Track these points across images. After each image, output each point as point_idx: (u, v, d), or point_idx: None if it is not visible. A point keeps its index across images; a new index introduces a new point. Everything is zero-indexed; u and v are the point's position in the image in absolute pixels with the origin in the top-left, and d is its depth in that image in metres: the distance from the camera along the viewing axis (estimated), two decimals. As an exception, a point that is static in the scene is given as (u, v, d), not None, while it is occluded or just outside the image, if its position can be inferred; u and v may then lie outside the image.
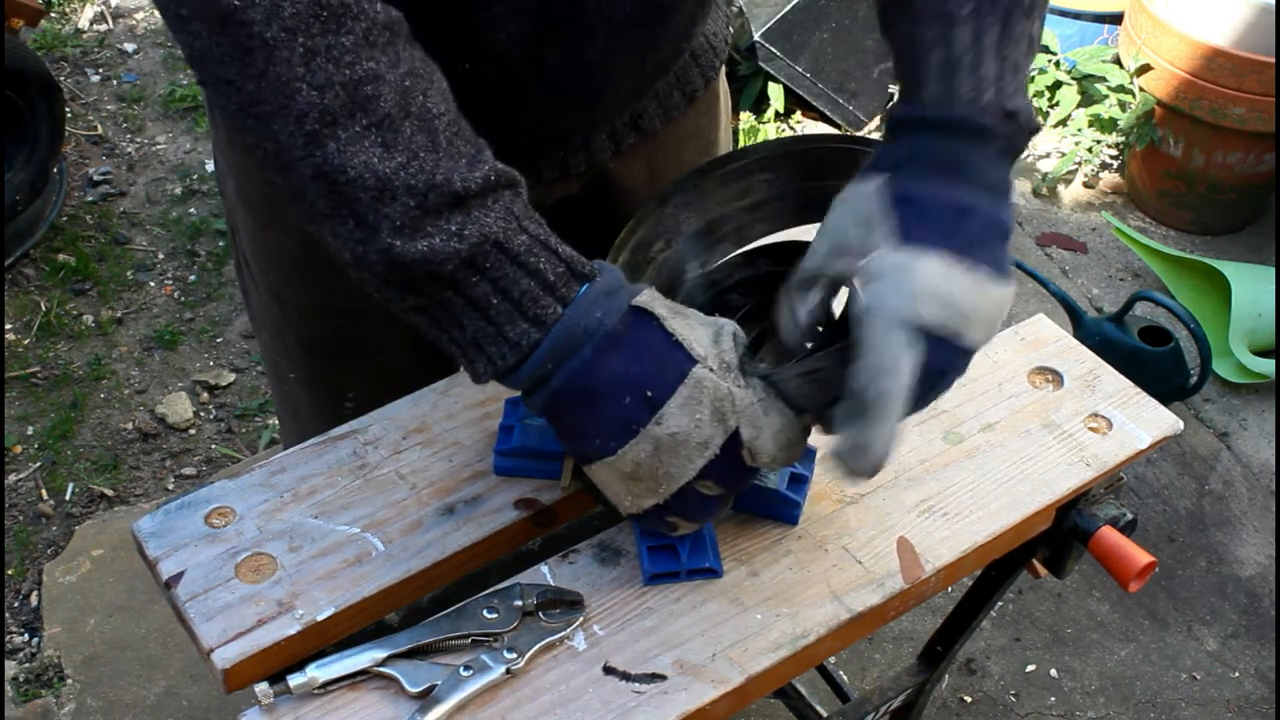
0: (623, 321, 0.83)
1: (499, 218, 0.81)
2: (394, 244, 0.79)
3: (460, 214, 0.80)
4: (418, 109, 0.80)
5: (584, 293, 0.83)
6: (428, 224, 0.79)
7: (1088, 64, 3.26)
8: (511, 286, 0.81)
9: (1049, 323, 1.24)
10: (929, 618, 2.22)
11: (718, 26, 1.26)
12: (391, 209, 0.79)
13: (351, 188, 0.78)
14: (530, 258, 0.81)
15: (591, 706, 0.90)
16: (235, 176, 1.25)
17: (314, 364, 1.34)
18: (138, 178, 3.17)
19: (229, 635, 0.92)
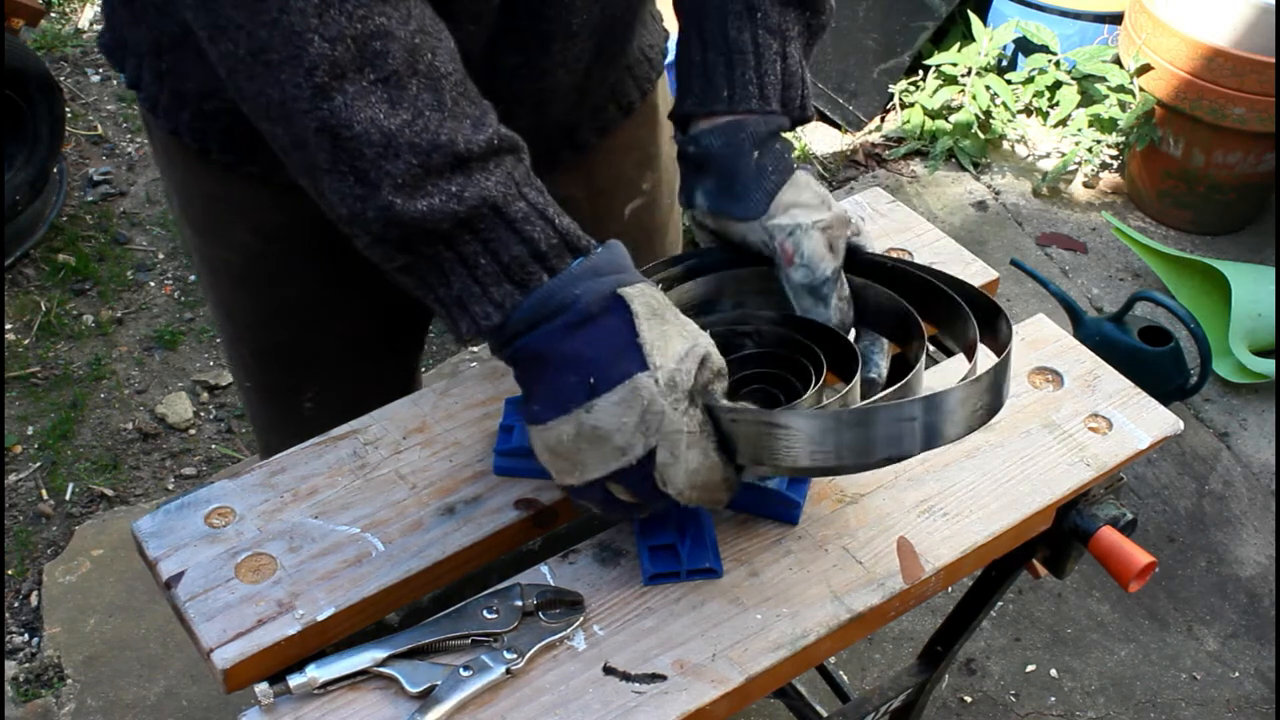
0: (599, 304, 0.83)
1: (499, 181, 0.82)
2: (394, 201, 0.79)
3: (461, 175, 0.80)
4: (425, 67, 0.80)
5: (573, 266, 0.84)
6: (429, 183, 0.80)
7: (1088, 64, 3.26)
8: (502, 250, 0.82)
9: (1049, 323, 1.24)
10: (929, 618, 2.22)
11: (654, 39, 1.26)
12: (394, 166, 0.79)
13: (356, 143, 0.79)
14: (525, 225, 0.83)
15: (591, 707, 0.90)
16: (178, 195, 1.24)
17: (268, 372, 1.34)
18: (138, 178, 3.17)
19: (229, 635, 0.92)
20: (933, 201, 3.19)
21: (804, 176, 1.02)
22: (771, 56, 1.02)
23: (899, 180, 3.25)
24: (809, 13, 1.05)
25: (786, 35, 1.03)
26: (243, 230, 1.20)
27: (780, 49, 1.03)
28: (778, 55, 1.02)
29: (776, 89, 1.03)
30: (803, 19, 1.04)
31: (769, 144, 1.02)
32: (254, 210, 1.17)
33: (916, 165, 3.31)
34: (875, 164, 3.32)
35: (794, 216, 1.00)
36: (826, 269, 1.00)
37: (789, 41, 1.03)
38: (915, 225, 1.33)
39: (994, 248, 3.03)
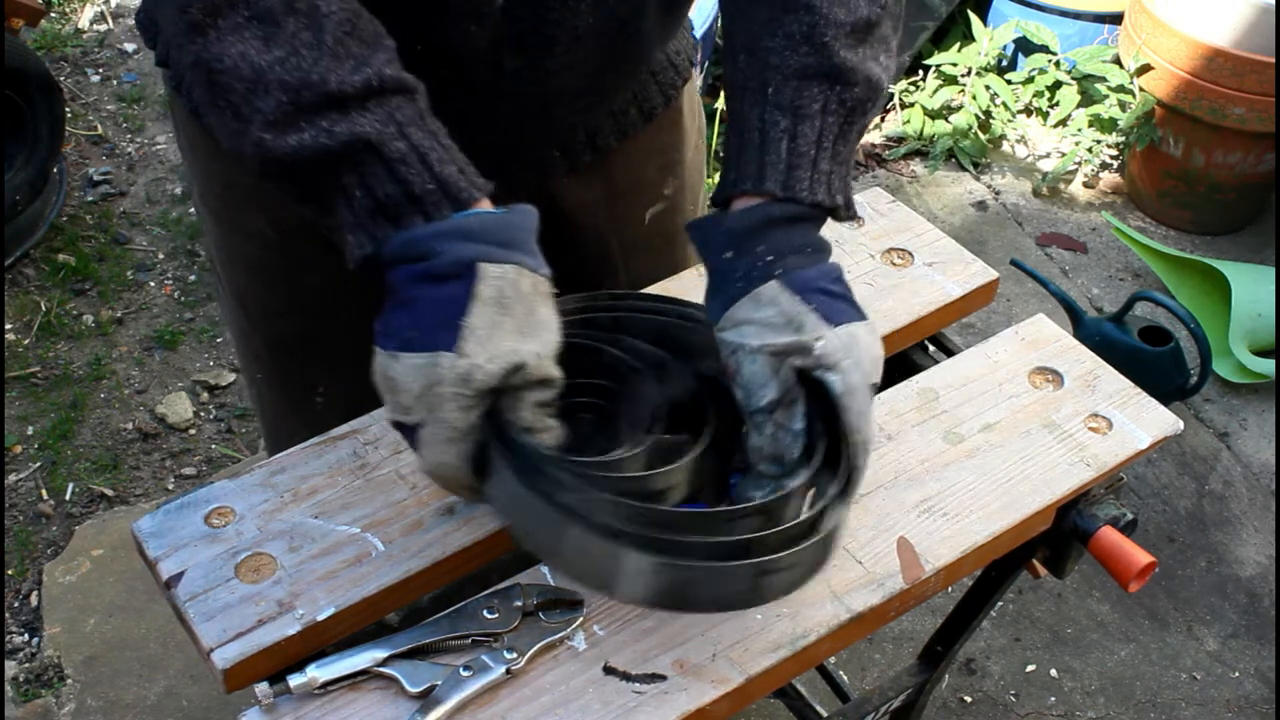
0: (452, 268, 0.83)
1: (376, 120, 0.81)
2: (264, 137, 0.80)
3: (335, 113, 0.81)
4: (305, 6, 0.80)
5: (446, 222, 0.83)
6: (300, 120, 0.80)
7: (1088, 64, 3.26)
8: (377, 187, 0.82)
9: (1049, 323, 1.24)
10: (929, 618, 2.21)
11: (681, 45, 1.25)
12: (264, 103, 0.80)
13: (226, 78, 0.80)
14: (401, 166, 0.82)
15: (592, 707, 0.90)
16: (198, 181, 1.25)
17: (281, 363, 1.33)
18: (138, 178, 3.17)
19: (229, 635, 0.92)
20: (933, 201, 3.19)
21: (772, 290, 0.90)
22: (777, 135, 0.92)
23: (899, 180, 3.25)
24: (839, 86, 0.93)
25: (801, 113, 0.92)
26: (259, 219, 1.20)
27: (790, 127, 0.92)
28: (785, 134, 0.92)
29: (779, 171, 0.92)
30: (829, 94, 0.93)
31: (751, 240, 0.92)
32: (269, 199, 1.17)
33: (916, 165, 3.31)
34: (875, 164, 3.32)
35: (741, 334, 0.90)
36: (762, 398, 0.90)
37: (803, 120, 0.92)
38: (915, 225, 1.33)
39: (994, 248, 3.03)
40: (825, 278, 0.92)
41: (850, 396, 0.90)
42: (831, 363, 0.89)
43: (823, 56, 0.92)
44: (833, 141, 0.94)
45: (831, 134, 0.93)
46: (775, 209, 0.92)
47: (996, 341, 1.22)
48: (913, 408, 1.15)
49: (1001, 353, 1.20)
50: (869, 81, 0.94)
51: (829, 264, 0.93)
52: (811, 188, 0.92)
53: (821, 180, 0.93)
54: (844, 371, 0.90)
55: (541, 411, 0.86)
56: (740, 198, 0.94)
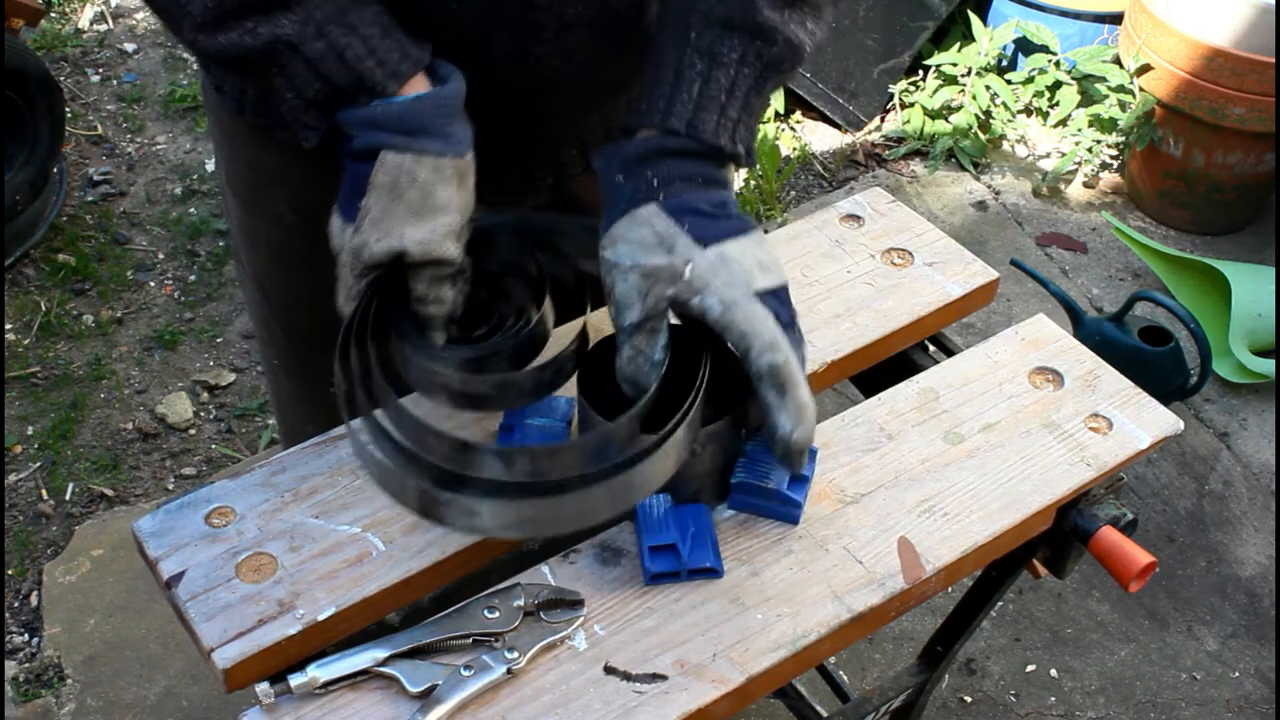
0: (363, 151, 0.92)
1: (296, 21, 0.89)
2: (196, 37, 0.89)
3: (258, 15, 0.88)
4: None
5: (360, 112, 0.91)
6: (227, 22, 0.88)
7: (1088, 64, 3.26)
8: (304, 86, 0.91)
9: (1049, 323, 1.24)
10: (929, 618, 2.21)
11: None
12: (193, 6, 0.88)
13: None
14: (321, 63, 0.90)
15: (592, 706, 0.90)
16: (225, 164, 1.27)
17: (298, 352, 1.35)
18: (138, 178, 3.17)
19: (229, 635, 0.92)
20: (933, 201, 3.19)
21: (649, 211, 0.93)
22: (692, 77, 0.95)
23: (899, 180, 3.25)
24: (759, 42, 0.97)
25: (718, 60, 0.96)
26: (281, 203, 1.22)
27: (705, 71, 0.95)
28: (699, 76, 0.95)
29: (686, 109, 0.95)
30: (749, 47, 0.96)
31: (642, 166, 0.95)
32: (291, 183, 1.20)
33: (916, 165, 3.31)
34: (875, 164, 3.32)
35: (616, 253, 0.94)
36: (627, 318, 0.93)
37: (720, 67, 0.96)
38: (915, 225, 1.33)
39: (994, 248, 3.03)
40: (705, 201, 0.94)
41: (730, 312, 0.91)
42: (702, 285, 0.91)
43: (747, 12, 0.96)
44: (745, 92, 0.96)
45: (745, 85, 0.96)
46: (671, 141, 0.95)
47: (997, 341, 1.22)
48: (913, 408, 1.15)
49: (1002, 353, 1.20)
50: (789, 43, 0.97)
51: (719, 194, 0.95)
52: (716, 131, 0.95)
53: (727, 126, 0.96)
54: (717, 291, 0.91)
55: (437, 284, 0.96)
56: (645, 129, 0.97)
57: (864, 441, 1.11)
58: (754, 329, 0.91)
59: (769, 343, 0.91)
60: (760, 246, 0.94)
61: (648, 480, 0.90)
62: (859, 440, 1.11)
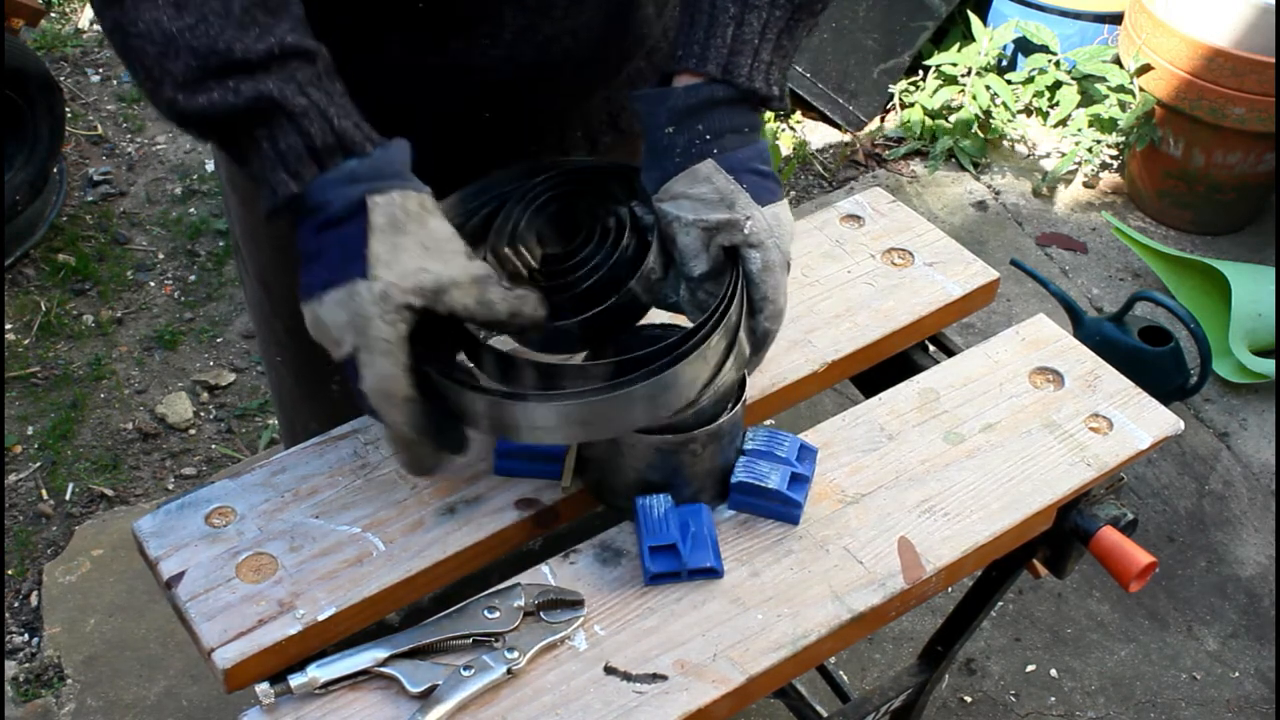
0: (344, 210, 0.89)
1: (279, 80, 0.87)
2: (176, 98, 0.87)
3: (240, 75, 0.87)
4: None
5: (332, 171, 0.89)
6: (208, 82, 0.86)
7: (1088, 64, 3.26)
8: (281, 139, 0.89)
9: (1049, 323, 1.24)
10: (929, 618, 2.21)
11: None
12: (174, 65, 0.86)
13: (140, 41, 0.86)
14: (303, 119, 0.88)
15: (592, 707, 0.90)
16: (226, 161, 1.27)
17: (300, 349, 1.35)
18: (138, 178, 3.17)
19: (230, 635, 0.92)
20: (933, 201, 3.19)
21: (709, 169, 0.97)
22: (725, 20, 0.97)
23: (899, 180, 3.25)
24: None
25: (750, 3, 0.98)
26: None
27: (738, 14, 0.98)
28: (732, 20, 0.97)
29: (721, 54, 0.97)
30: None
31: (692, 118, 0.98)
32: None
33: (916, 165, 3.31)
34: (875, 164, 3.32)
35: (678, 206, 0.97)
36: (694, 269, 0.99)
37: (752, 10, 0.98)
38: (915, 225, 1.33)
39: (994, 248, 3.03)
40: (757, 158, 0.99)
41: (768, 272, 0.98)
42: (756, 241, 0.97)
43: None
44: (776, 34, 0.99)
45: (776, 27, 0.99)
46: (719, 90, 0.97)
47: (997, 341, 1.22)
48: (913, 408, 1.15)
49: (1002, 353, 1.20)
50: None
51: (760, 144, 1.00)
52: (750, 74, 0.98)
53: (761, 68, 0.98)
54: (765, 249, 0.98)
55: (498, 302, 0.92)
56: (682, 75, 0.99)
57: (864, 441, 1.11)
58: (775, 298, 0.99)
59: (777, 313, 0.99)
60: (789, 212, 1.02)
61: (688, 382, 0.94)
62: (859, 440, 1.11)
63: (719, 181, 0.97)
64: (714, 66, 0.97)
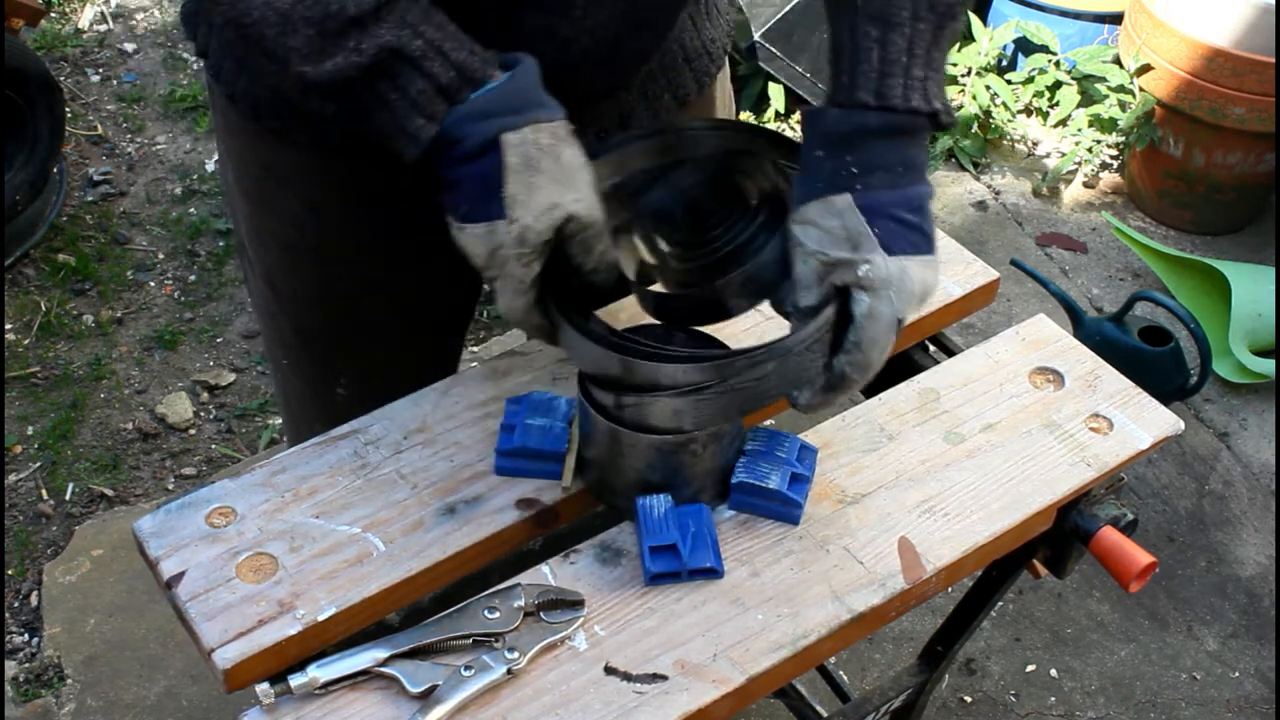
0: (478, 146, 0.91)
1: (392, 27, 0.89)
2: (304, 70, 0.89)
3: (357, 31, 0.89)
4: None
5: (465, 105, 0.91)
6: (330, 46, 0.88)
7: (1088, 64, 3.25)
8: (410, 86, 0.91)
9: (1049, 323, 1.24)
10: (929, 618, 2.21)
11: (716, 33, 1.25)
12: (295, 40, 0.89)
13: (257, 28, 0.89)
14: (425, 61, 0.90)
15: (592, 707, 0.90)
16: (234, 163, 1.27)
17: (306, 351, 1.35)
18: (138, 178, 3.17)
19: (230, 635, 0.92)
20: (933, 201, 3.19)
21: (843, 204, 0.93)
22: (868, 45, 0.94)
23: (899, 180, 3.25)
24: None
25: (890, 21, 0.94)
26: (293, 201, 1.23)
27: (880, 36, 0.94)
28: (875, 43, 0.94)
29: (870, 80, 0.94)
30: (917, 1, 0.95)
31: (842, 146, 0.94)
32: (305, 181, 1.21)
33: (916, 165, 3.31)
34: (875, 164, 3.32)
35: (805, 233, 0.95)
36: (802, 299, 0.96)
37: (894, 28, 0.94)
38: (916, 225, 1.33)
39: (994, 248, 3.03)
40: (902, 204, 0.94)
41: (870, 320, 0.94)
42: (869, 285, 0.93)
43: None
44: (925, 48, 0.95)
45: (924, 41, 0.95)
46: (871, 118, 0.94)
47: (997, 341, 1.22)
48: (913, 408, 1.15)
49: (1002, 353, 1.20)
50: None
51: (913, 189, 0.95)
52: (905, 94, 0.94)
53: (916, 86, 0.94)
54: (876, 296, 0.93)
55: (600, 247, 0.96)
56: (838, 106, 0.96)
57: (864, 441, 1.11)
58: (867, 349, 0.95)
59: (862, 364, 0.95)
60: (931, 271, 0.97)
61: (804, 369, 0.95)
62: (859, 440, 1.11)
63: (849, 220, 0.93)
64: (864, 93, 0.94)
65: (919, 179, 0.96)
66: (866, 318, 0.94)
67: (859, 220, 0.93)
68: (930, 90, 0.95)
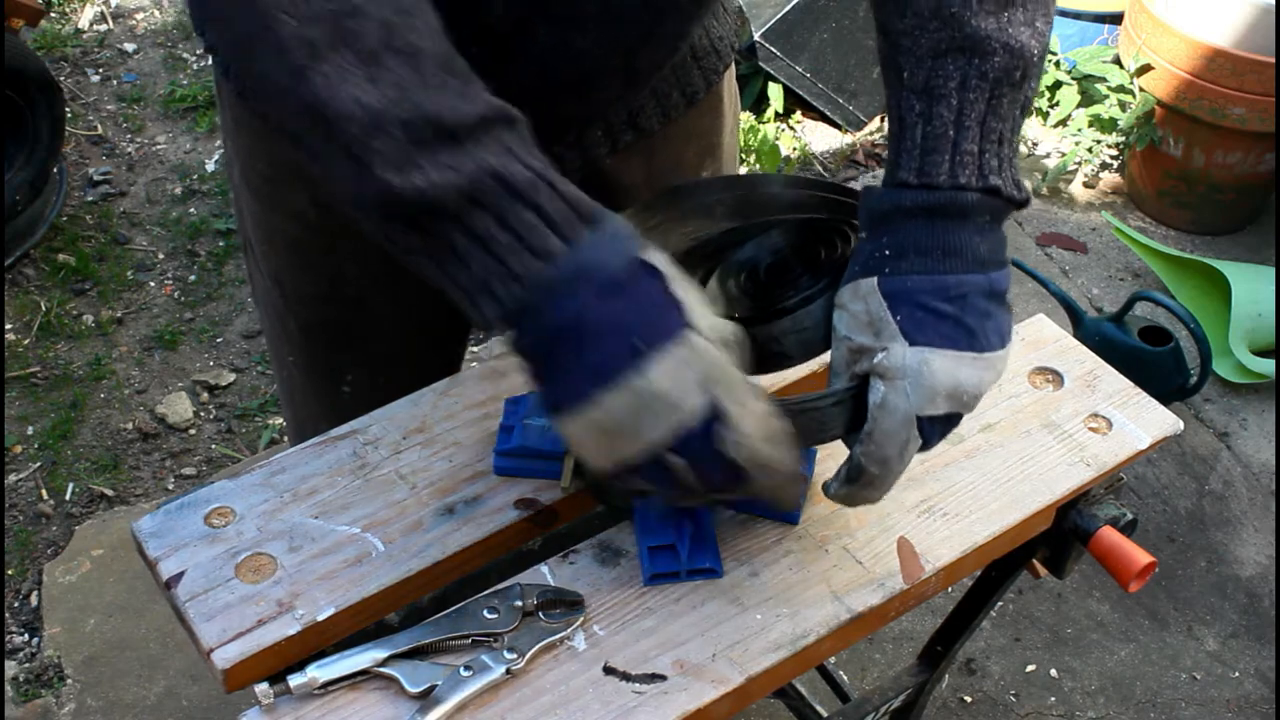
0: (627, 270, 0.79)
1: (495, 152, 0.78)
2: (388, 179, 0.77)
3: (452, 147, 0.78)
4: (403, 44, 0.78)
5: (592, 233, 0.79)
6: (420, 157, 0.77)
7: (1088, 64, 3.26)
8: (514, 219, 0.78)
9: (1049, 323, 1.24)
10: (929, 618, 2.21)
11: (724, 30, 1.25)
12: (382, 143, 0.77)
13: (340, 122, 0.77)
14: (532, 191, 0.78)
15: (591, 707, 0.90)
16: (240, 160, 1.26)
17: (313, 349, 1.35)
18: (138, 178, 3.17)
19: (229, 635, 0.92)
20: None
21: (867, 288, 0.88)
22: (912, 120, 0.88)
23: (899, 180, 3.25)
24: (975, 59, 0.87)
25: (935, 93, 0.87)
26: (301, 198, 1.21)
27: (925, 110, 0.87)
28: (920, 117, 0.88)
29: (914, 157, 0.88)
30: (968, 68, 0.87)
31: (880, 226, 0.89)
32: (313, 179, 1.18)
33: (916, 165, 3.31)
34: (875, 164, 3.32)
35: (838, 318, 0.91)
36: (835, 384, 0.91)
37: (939, 100, 0.87)
38: (915, 225, 1.33)
39: (994, 248, 3.03)
40: (933, 292, 0.87)
41: (882, 411, 0.87)
42: (883, 373, 0.87)
43: (953, 29, 0.87)
44: (979, 120, 0.87)
45: (976, 111, 0.87)
46: (907, 196, 0.87)
47: (996, 341, 1.21)
48: (913, 408, 1.14)
49: (1001, 353, 1.20)
50: (1011, 50, 0.87)
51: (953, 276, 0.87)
52: (952, 170, 0.87)
53: (967, 161, 0.87)
54: (891, 388, 0.87)
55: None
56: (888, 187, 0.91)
57: (864, 441, 1.11)
58: (882, 446, 0.89)
59: (879, 457, 0.89)
60: (968, 368, 0.88)
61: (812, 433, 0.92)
62: (859, 440, 1.11)
63: (871, 304, 0.88)
64: (905, 172, 0.87)
65: (965, 265, 0.87)
66: (879, 408, 0.88)
67: (880, 305, 0.87)
68: (987, 165, 0.87)
